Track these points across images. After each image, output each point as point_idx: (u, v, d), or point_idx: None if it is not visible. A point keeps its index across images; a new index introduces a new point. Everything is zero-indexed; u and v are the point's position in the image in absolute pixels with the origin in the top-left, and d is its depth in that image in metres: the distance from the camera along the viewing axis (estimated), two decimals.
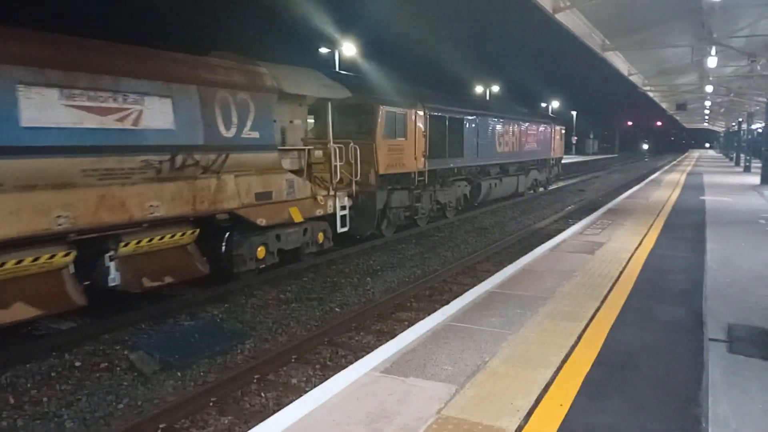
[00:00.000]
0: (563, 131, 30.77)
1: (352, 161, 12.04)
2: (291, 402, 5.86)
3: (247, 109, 9.28)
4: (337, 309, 9.05)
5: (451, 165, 17.01)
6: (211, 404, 5.87)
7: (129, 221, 7.58)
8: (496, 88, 55.81)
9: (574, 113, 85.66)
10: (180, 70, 8.31)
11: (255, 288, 9.80)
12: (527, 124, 23.97)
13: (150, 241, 8.14)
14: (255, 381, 6.43)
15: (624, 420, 3.88)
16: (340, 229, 11.83)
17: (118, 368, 6.68)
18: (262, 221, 9.67)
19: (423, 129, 14.99)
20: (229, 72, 9.13)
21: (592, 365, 4.77)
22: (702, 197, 18.88)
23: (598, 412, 3.98)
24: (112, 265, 7.74)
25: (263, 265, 10.09)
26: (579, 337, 5.43)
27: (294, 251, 10.98)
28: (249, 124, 9.29)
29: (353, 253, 12.66)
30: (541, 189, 27.68)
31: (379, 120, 13.29)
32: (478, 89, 54.96)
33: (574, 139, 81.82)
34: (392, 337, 7.71)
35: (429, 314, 8.60)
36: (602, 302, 6.64)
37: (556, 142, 28.66)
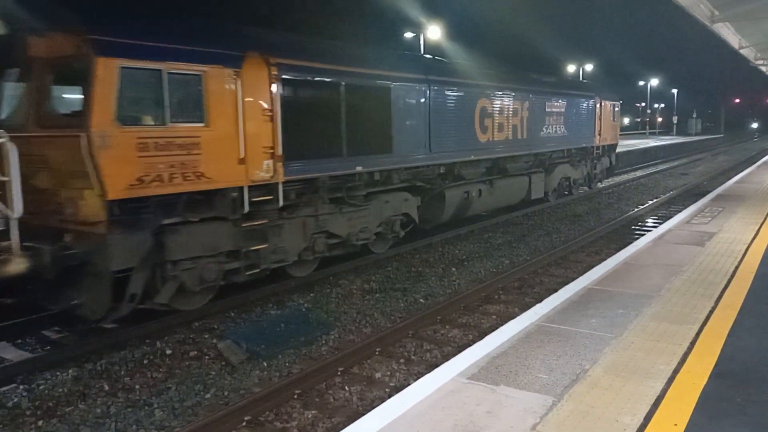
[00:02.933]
0: (617, 108, 21.42)
1: (8, 177, 5.97)
2: (374, 398, 5.79)
3: None
4: (421, 300, 8.82)
5: (359, 168, 9.79)
6: (295, 397, 5.80)
7: None
8: (589, 67, 53.19)
9: (674, 91, 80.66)
10: None
11: (340, 277, 9.73)
12: (546, 96, 15.99)
13: None
14: (339, 374, 6.32)
15: None
16: None
17: (207, 357, 6.78)
18: None
19: (267, 105, 8.02)
20: None
21: (710, 377, 4.22)
22: None
23: None
24: None
25: None
26: (692, 343, 4.86)
27: None
28: None
29: (437, 242, 12.34)
30: (584, 189, 20.21)
31: (107, 84, 6.34)
32: (571, 68, 52.62)
33: (674, 119, 77.36)
34: (479, 332, 7.46)
35: (518, 307, 8.26)
36: (717, 302, 5.97)
37: (604, 123, 19.83)
